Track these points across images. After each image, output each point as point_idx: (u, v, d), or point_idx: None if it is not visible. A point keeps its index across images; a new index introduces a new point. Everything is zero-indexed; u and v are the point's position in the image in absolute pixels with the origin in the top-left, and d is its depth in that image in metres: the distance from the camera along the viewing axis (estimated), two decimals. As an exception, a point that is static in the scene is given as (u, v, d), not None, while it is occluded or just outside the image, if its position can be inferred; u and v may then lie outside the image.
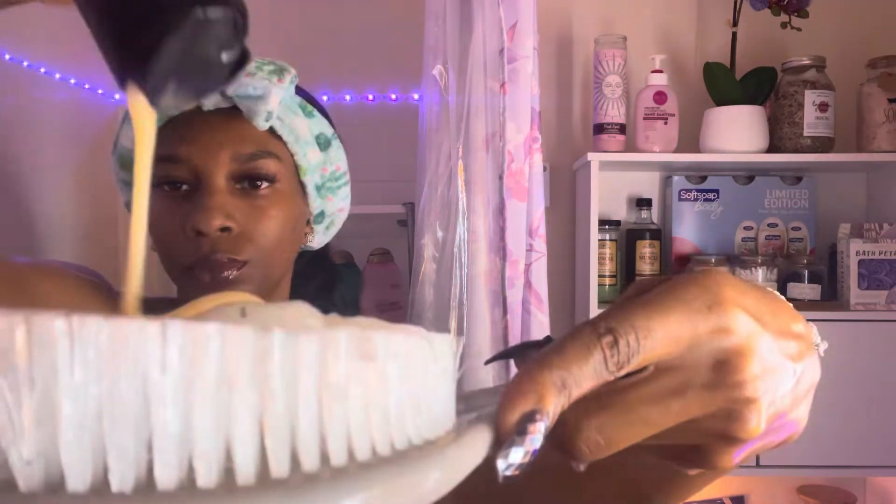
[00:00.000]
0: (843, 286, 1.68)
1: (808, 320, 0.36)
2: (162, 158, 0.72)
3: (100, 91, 1.73)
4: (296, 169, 0.77)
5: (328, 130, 0.80)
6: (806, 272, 1.68)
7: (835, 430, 1.61)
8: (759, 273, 1.66)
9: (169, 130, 0.73)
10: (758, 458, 1.61)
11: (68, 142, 1.65)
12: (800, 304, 1.63)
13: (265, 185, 0.73)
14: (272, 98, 0.71)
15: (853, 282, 1.63)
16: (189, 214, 0.69)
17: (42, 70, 1.55)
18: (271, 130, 0.75)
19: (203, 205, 0.69)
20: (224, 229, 0.70)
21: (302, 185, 0.79)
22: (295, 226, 0.77)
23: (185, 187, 0.72)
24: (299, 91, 0.80)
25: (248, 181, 0.73)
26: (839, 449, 1.62)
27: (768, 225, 1.82)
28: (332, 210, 0.84)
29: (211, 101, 0.72)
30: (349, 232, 0.88)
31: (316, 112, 0.79)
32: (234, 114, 0.73)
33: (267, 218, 0.73)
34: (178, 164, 0.71)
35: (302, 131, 0.76)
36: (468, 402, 0.37)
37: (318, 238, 0.86)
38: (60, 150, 1.62)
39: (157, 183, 0.72)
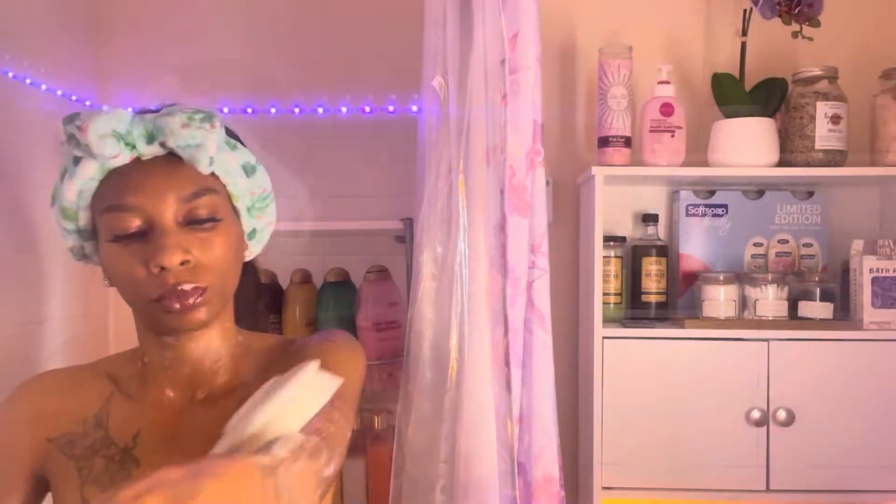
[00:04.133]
0: (856, 304, 1.66)
1: (817, 340, 0.32)
2: (112, 208, 0.84)
3: (87, 103, 1.74)
4: (229, 197, 0.91)
5: (251, 159, 0.93)
6: (818, 290, 1.68)
7: (850, 454, 1.60)
8: (770, 291, 1.65)
9: (113, 182, 0.85)
10: (768, 482, 1.60)
11: (55, 151, 1.67)
12: (811, 324, 1.64)
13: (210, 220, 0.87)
14: (210, 144, 0.83)
15: (866, 300, 1.62)
16: (151, 254, 0.82)
17: (27, 81, 1.56)
18: None
19: (163, 244, 0.81)
20: (184, 262, 0.83)
21: (235, 210, 0.92)
22: (237, 247, 0.91)
23: (137, 229, 0.83)
24: None
25: (195, 221, 0.85)
26: (854, 473, 1.61)
27: (779, 241, 1.82)
28: (262, 225, 0.98)
29: (150, 152, 0.84)
30: (346, 248, 0.94)
31: (238, 145, 0.92)
32: (171, 159, 0.85)
33: (216, 246, 0.86)
34: (129, 213, 0.83)
35: (231, 164, 0.89)
36: None
37: (254, 250, 1.00)
38: (50, 159, 1.62)
39: (113, 236, 0.84)
